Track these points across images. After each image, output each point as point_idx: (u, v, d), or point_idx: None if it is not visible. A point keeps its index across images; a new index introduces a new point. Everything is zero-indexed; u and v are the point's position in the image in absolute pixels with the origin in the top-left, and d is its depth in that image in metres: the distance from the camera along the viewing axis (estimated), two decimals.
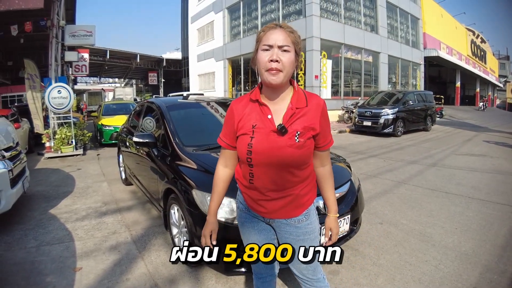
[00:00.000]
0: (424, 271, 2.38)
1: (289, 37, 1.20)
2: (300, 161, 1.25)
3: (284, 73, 1.19)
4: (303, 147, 1.23)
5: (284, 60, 1.17)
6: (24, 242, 2.99)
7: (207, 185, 2.20)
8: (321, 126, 1.26)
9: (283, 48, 1.18)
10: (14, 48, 14.50)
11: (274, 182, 1.27)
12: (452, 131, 11.82)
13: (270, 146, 1.21)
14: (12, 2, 5.90)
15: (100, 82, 44.17)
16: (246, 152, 1.24)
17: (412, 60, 21.38)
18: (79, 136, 7.98)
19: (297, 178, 1.29)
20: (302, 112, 1.24)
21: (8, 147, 3.63)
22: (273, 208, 1.31)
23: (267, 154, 1.22)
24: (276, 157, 1.22)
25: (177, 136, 2.85)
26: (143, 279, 2.33)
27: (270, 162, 1.23)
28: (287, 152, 1.21)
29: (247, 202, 1.38)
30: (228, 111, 1.35)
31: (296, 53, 1.23)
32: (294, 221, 1.34)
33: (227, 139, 1.35)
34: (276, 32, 1.19)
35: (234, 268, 2.01)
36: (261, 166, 1.25)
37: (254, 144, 1.23)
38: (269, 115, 1.24)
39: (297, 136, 1.21)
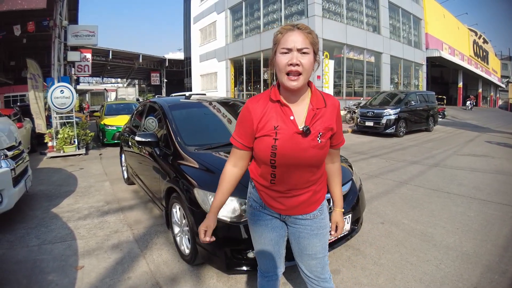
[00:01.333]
0: (425, 271, 2.38)
1: (307, 39, 1.18)
2: (321, 161, 1.29)
3: (304, 76, 1.19)
4: (324, 147, 1.26)
5: (304, 63, 1.17)
6: (26, 240, 3.01)
7: (208, 184, 2.21)
8: (337, 125, 1.30)
9: (303, 50, 1.17)
10: (16, 48, 14.59)
11: (296, 182, 1.29)
12: (454, 132, 11.78)
13: (294, 148, 1.22)
14: (15, 2, 5.92)
15: (102, 82, 44.32)
16: (270, 154, 1.23)
17: (414, 61, 21.35)
18: (82, 136, 8.01)
19: (315, 176, 1.32)
20: (321, 112, 1.25)
21: (10, 146, 3.64)
22: (292, 205, 1.33)
23: (292, 155, 1.23)
24: (301, 158, 1.23)
25: (179, 136, 2.87)
26: (145, 278, 2.34)
27: (294, 163, 1.25)
28: (311, 153, 1.23)
29: (265, 200, 1.37)
30: (244, 111, 1.30)
31: (315, 53, 1.22)
32: (310, 216, 1.37)
33: (243, 140, 1.31)
34: (294, 34, 1.18)
35: (235, 266, 2.02)
36: (284, 167, 1.26)
37: (279, 146, 1.22)
38: (292, 116, 1.23)
39: (319, 136, 1.23)
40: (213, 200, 1.40)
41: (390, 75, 19.13)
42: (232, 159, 1.37)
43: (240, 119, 1.32)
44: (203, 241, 1.36)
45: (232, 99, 4.16)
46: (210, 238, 1.37)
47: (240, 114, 1.32)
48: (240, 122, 1.32)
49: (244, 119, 1.30)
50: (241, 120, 1.31)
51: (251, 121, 1.27)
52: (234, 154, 1.37)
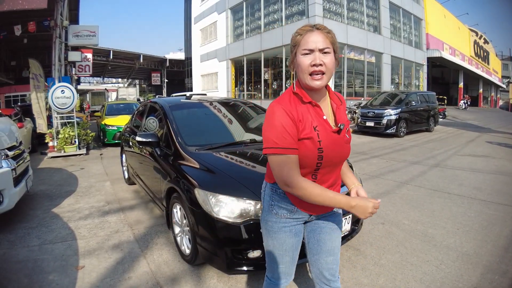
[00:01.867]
0: (426, 271, 2.38)
1: (327, 38, 1.19)
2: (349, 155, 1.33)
3: (328, 75, 1.20)
4: (349, 142, 1.32)
5: (326, 62, 1.18)
6: (27, 240, 3.01)
7: (209, 184, 2.22)
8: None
9: (324, 50, 1.18)
10: (17, 48, 14.62)
11: (333, 179, 1.32)
12: (454, 132, 11.76)
13: (336, 147, 1.24)
14: (16, 2, 5.92)
15: (103, 82, 44.36)
16: (317, 157, 1.21)
17: (415, 61, 21.34)
18: (82, 136, 8.02)
19: (340, 171, 1.38)
20: (342, 109, 1.32)
21: (11, 146, 3.65)
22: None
23: (335, 154, 1.25)
24: (341, 156, 1.28)
25: (180, 136, 2.87)
26: (145, 278, 2.34)
27: (335, 162, 1.28)
28: (346, 149, 1.29)
29: (301, 204, 1.31)
30: (278, 113, 1.20)
31: (335, 52, 1.22)
32: (335, 211, 1.42)
33: (293, 144, 1.20)
34: (314, 35, 1.18)
35: (235, 266, 2.02)
36: (326, 167, 1.27)
37: (324, 147, 1.21)
38: (324, 116, 1.25)
39: (346, 132, 1.29)
40: (337, 196, 1.21)
41: (390, 76, 19.12)
42: (296, 169, 1.21)
43: (282, 125, 1.19)
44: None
45: (233, 99, 4.16)
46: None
47: (276, 119, 1.20)
48: (284, 128, 1.19)
49: (286, 123, 1.19)
50: (285, 125, 1.19)
51: (294, 123, 1.20)
52: (294, 163, 1.20)
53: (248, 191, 2.10)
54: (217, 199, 2.08)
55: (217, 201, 2.08)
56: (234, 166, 2.52)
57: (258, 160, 2.67)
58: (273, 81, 17.90)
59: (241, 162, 2.60)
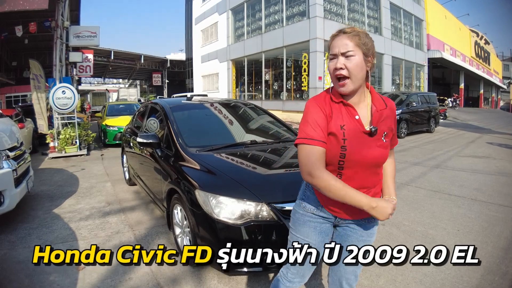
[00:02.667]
0: (426, 273, 2.38)
1: (351, 41, 1.18)
2: (384, 160, 1.30)
3: (353, 80, 1.19)
4: (388, 147, 1.29)
5: (349, 66, 1.17)
6: (27, 241, 3.02)
7: (210, 185, 2.22)
8: (395, 127, 1.33)
9: (346, 54, 1.18)
10: (18, 48, 14.66)
11: (361, 183, 1.27)
12: (455, 133, 11.75)
13: (363, 148, 1.22)
14: (17, 3, 5.94)
15: (104, 82, 44.40)
16: (339, 154, 1.21)
17: (415, 62, 21.32)
18: (83, 137, 8.03)
19: (377, 177, 1.33)
20: (384, 113, 1.27)
21: (12, 146, 3.66)
22: (351, 208, 1.23)
23: (360, 155, 1.22)
24: (368, 158, 1.23)
25: (181, 137, 2.88)
26: (146, 279, 2.35)
27: (361, 163, 1.24)
28: (378, 152, 1.24)
29: (325, 203, 1.33)
30: (311, 108, 1.26)
31: (365, 55, 1.20)
32: (365, 221, 1.35)
33: (322, 137, 1.22)
34: (338, 39, 1.20)
35: (236, 268, 2.02)
36: (352, 168, 1.24)
37: (348, 146, 1.20)
38: (357, 116, 1.24)
39: (384, 136, 1.26)
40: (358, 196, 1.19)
41: (391, 76, 19.11)
42: (322, 163, 1.22)
43: (312, 117, 1.24)
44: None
45: (234, 100, 4.17)
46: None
47: (310, 114, 1.26)
48: (314, 119, 1.23)
49: (316, 116, 1.24)
50: (314, 118, 1.24)
51: (324, 116, 1.24)
52: (321, 156, 1.21)
53: (249, 192, 2.11)
54: (218, 200, 2.09)
55: (218, 202, 2.08)
56: (235, 167, 2.53)
57: (259, 161, 2.68)
58: (274, 82, 17.89)
59: (241, 163, 2.60)
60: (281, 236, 2.01)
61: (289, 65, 16.47)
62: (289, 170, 2.53)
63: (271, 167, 2.56)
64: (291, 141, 3.29)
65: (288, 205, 2.08)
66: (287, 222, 2.02)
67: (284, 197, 2.12)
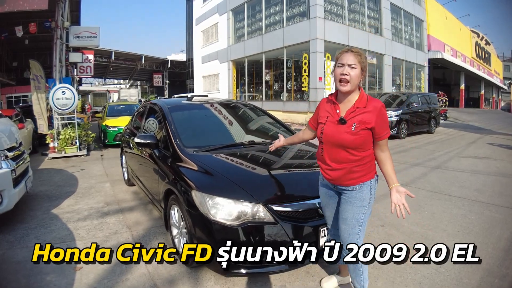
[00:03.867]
0: (425, 274, 2.36)
1: (356, 58, 1.68)
2: (353, 144, 1.73)
3: (351, 83, 1.69)
4: (357, 135, 1.71)
5: (352, 74, 1.68)
6: (25, 241, 3.02)
7: (206, 186, 2.21)
8: (377, 122, 1.70)
9: (351, 66, 1.68)
10: (19, 49, 14.68)
11: (334, 157, 1.81)
12: (456, 134, 11.72)
13: (333, 132, 1.77)
14: (16, 3, 5.94)
15: (105, 83, 44.38)
16: (320, 133, 1.84)
17: (416, 62, 21.30)
18: (83, 137, 8.03)
19: (353, 157, 1.77)
20: (361, 111, 1.72)
21: (11, 147, 3.65)
22: (335, 176, 1.83)
23: (330, 136, 1.79)
24: (336, 139, 1.76)
25: (178, 137, 2.86)
26: (143, 279, 2.34)
27: (331, 142, 1.79)
28: (344, 136, 1.73)
29: (322, 173, 1.93)
30: (318, 105, 1.98)
31: (361, 69, 1.70)
32: (350, 189, 1.83)
33: (313, 122, 2.02)
34: (347, 54, 1.70)
35: (232, 269, 2.01)
36: (326, 144, 1.83)
37: (325, 129, 1.81)
38: (338, 110, 1.79)
39: (354, 126, 1.71)
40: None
41: (392, 77, 19.09)
42: (304, 130, 2.17)
43: (316, 109, 1.99)
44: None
45: (233, 101, 4.16)
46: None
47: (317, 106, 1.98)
48: (315, 111, 1.99)
49: (316, 109, 1.98)
50: (315, 110, 1.98)
51: (318, 111, 1.94)
52: (306, 128, 2.14)
53: (246, 193, 2.10)
54: (214, 201, 2.07)
55: (214, 203, 2.07)
56: (232, 168, 2.52)
57: (257, 161, 2.67)
58: (274, 83, 17.89)
59: (239, 164, 2.59)
60: (278, 236, 2.01)
61: (290, 66, 16.46)
62: (286, 171, 2.52)
63: (269, 168, 2.55)
64: None
65: (285, 206, 2.08)
66: (283, 223, 2.02)
67: (281, 198, 2.12)
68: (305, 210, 2.14)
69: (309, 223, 2.11)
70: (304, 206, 2.15)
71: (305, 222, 2.11)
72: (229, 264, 1.99)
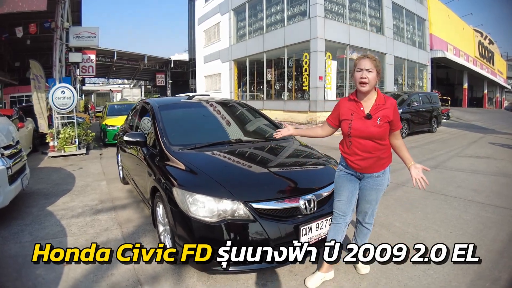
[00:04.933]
0: (412, 276, 2.31)
1: (372, 63, 1.96)
2: (380, 135, 2.02)
3: (369, 85, 1.97)
4: (382, 127, 2.00)
5: (369, 77, 1.95)
6: (19, 236, 3.07)
7: (187, 183, 2.23)
8: (394, 116, 2.02)
9: (369, 70, 1.95)
10: (21, 49, 14.78)
11: (364, 148, 2.05)
12: (457, 133, 11.62)
13: (362, 125, 2.02)
14: (16, 4, 6.00)
15: (108, 83, 44.62)
16: (348, 129, 2.07)
17: (418, 61, 21.13)
18: (83, 136, 8.09)
19: (380, 146, 2.05)
20: (382, 107, 2.01)
21: (7, 145, 3.70)
22: (364, 165, 2.09)
23: (359, 130, 2.03)
24: (365, 132, 2.02)
25: (165, 135, 2.88)
26: (127, 275, 2.36)
27: (360, 135, 2.04)
28: (372, 129, 2.00)
29: (348, 162, 2.15)
30: (337, 104, 2.22)
31: (377, 72, 1.98)
32: (374, 175, 2.13)
33: (332, 120, 2.25)
34: (365, 60, 1.97)
35: (211, 266, 2.02)
36: (355, 137, 2.06)
37: (353, 124, 2.05)
38: (361, 107, 2.05)
39: (378, 120, 1.99)
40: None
41: (394, 76, 18.96)
42: (323, 126, 2.35)
43: (334, 108, 2.24)
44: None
45: (225, 100, 4.15)
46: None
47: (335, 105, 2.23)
48: (333, 110, 2.23)
49: (335, 108, 2.22)
50: (334, 109, 2.23)
51: (338, 110, 2.17)
52: (325, 125, 2.32)
53: (226, 190, 2.11)
54: (194, 198, 2.08)
55: (194, 200, 2.08)
56: (215, 166, 2.53)
57: (240, 160, 2.67)
58: (276, 82, 17.85)
59: (222, 162, 2.61)
60: (257, 234, 2.01)
61: (291, 65, 16.43)
62: (270, 170, 2.51)
63: (252, 166, 2.55)
64: (277, 140, 3.27)
65: (264, 204, 2.08)
66: (263, 220, 2.02)
67: (261, 196, 2.12)
68: (285, 208, 2.14)
69: (289, 221, 2.11)
70: (285, 204, 2.14)
71: (285, 220, 2.10)
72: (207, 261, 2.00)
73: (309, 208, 2.18)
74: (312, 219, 2.19)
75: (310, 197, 2.22)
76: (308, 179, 2.57)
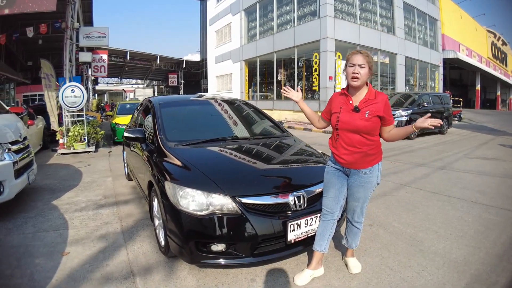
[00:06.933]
0: (404, 277, 2.27)
1: (365, 59, 1.96)
2: (368, 129, 2.01)
3: (361, 80, 1.97)
4: (369, 121, 1.99)
5: (361, 73, 1.96)
6: (23, 228, 3.18)
7: (180, 178, 2.27)
8: (385, 111, 2.01)
9: (361, 65, 1.96)
10: (33, 49, 15.16)
11: (350, 142, 2.05)
12: (468, 135, 11.34)
13: (349, 118, 2.03)
14: (26, 5, 6.17)
15: (121, 83, 45.35)
16: (336, 121, 2.08)
17: (430, 62, 20.75)
18: (92, 134, 8.26)
19: (367, 141, 2.05)
20: (372, 102, 2.01)
21: (14, 141, 3.84)
22: (350, 160, 2.07)
23: (346, 123, 2.03)
24: (352, 125, 2.02)
25: (163, 132, 2.94)
26: (121, 266, 2.43)
27: (347, 128, 2.04)
28: (359, 122, 2.00)
29: (335, 157, 2.15)
30: (330, 98, 2.24)
31: (369, 68, 1.98)
32: (361, 172, 2.10)
33: (325, 114, 2.28)
34: (357, 56, 1.97)
35: (200, 259, 2.06)
36: (342, 130, 2.07)
37: (340, 117, 2.06)
38: (351, 101, 2.07)
39: (367, 114, 1.99)
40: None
41: (405, 77, 18.68)
42: (319, 119, 2.38)
43: (327, 102, 2.25)
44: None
45: (238, 100, 4.20)
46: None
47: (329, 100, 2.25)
48: (327, 104, 2.25)
49: (328, 102, 2.24)
50: (327, 103, 2.25)
51: (331, 104, 2.19)
52: (320, 118, 2.36)
53: (215, 185, 2.14)
54: (185, 192, 2.12)
55: (185, 193, 2.11)
56: (208, 161, 2.57)
57: (235, 156, 2.71)
58: (286, 82, 17.83)
59: (216, 157, 2.65)
60: (244, 229, 2.04)
61: (301, 65, 16.39)
62: (262, 166, 2.55)
63: (245, 162, 2.58)
64: (273, 137, 3.30)
65: (253, 199, 2.10)
66: (250, 215, 2.05)
67: (250, 191, 2.14)
68: (274, 204, 2.15)
69: (277, 217, 2.12)
70: (273, 199, 2.16)
71: (274, 215, 2.12)
72: (196, 255, 2.04)
73: (298, 205, 2.19)
74: (302, 215, 2.19)
75: (300, 193, 2.22)
76: (300, 176, 2.58)
